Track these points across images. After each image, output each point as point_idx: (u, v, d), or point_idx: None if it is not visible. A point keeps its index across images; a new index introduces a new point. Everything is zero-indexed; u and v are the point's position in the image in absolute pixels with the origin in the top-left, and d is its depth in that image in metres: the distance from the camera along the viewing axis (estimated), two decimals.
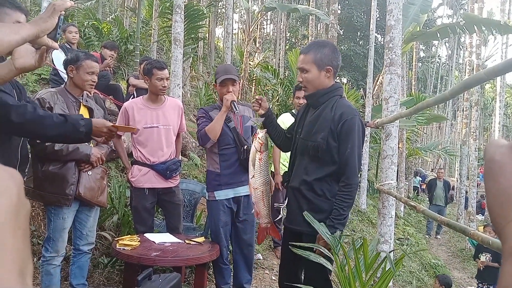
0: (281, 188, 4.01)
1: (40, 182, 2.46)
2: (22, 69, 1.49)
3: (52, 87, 4.41)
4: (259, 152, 2.27)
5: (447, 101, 27.97)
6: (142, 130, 2.98)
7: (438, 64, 31.90)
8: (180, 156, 3.34)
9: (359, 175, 2.09)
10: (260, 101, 2.38)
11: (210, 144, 2.82)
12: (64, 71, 4.60)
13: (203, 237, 3.00)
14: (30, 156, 2.25)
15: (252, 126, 2.97)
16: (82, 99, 2.67)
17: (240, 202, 2.94)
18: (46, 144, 2.40)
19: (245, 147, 2.81)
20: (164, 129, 3.02)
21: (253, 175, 2.29)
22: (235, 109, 2.76)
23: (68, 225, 2.57)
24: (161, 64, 3.03)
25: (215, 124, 2.77)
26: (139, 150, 3.03)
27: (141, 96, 3.20)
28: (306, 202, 2.13)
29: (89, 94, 3.85)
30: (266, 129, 2.31)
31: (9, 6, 1.74)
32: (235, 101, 2.76)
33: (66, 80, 4.56)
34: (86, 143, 2.60)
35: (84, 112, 2.67)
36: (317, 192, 2.10)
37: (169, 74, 3.43)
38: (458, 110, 28.51)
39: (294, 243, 1.90)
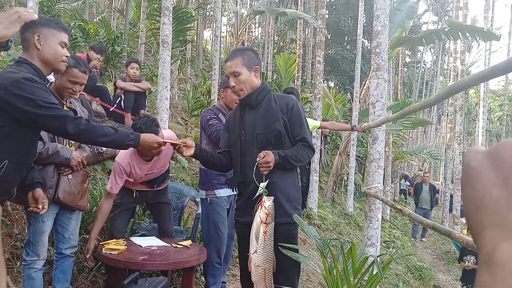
0: None
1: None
2: None
3: None
4: (265, 224, 2.00)
5: (432, 106, 28.40)
6: (139, 179, 2.95)
7: (423, 70, 32.37)
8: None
9: (314, 151, 2.32)
10: (183, 146, 2.24)
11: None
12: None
13: (190, 241, 2.98)
14: None
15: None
16: (66, 101, 2.62)
17: (232, 201, 3.00)
18: None
19: None
20: (160, 170, 3.04)
21: (255, 250, 2.03)
22: None
23: (47, 228, 2.52)
24: (155, 130, 2.66)
25: None
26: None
27: (131, 152, 2.84)
28: (281, 193, 2.20)
29: (75, 96, 3.80)
30: (273, 197, 2.05)
31: (55, 27, 2.01)
32: None
33: (51, 81, 4.50)
34: (67, 146, 2.57)
35: None
36: (288, 181, 2.24)
37: (157, 76, 3.38)
38: (442, 114, 28.96)
39: (283, 244, 1.90)
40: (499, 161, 0.27)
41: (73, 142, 2.65)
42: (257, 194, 2.12)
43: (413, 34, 14.18)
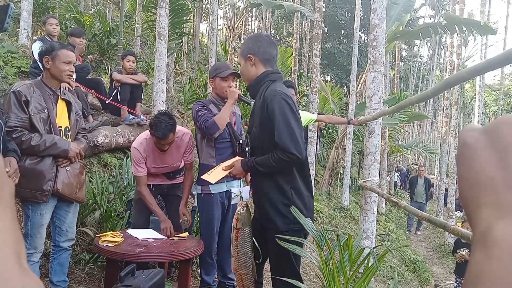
0: None
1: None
2: None
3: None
4: (236, 229, 2.05)
5: (428, 100, 28.46)
6: (152, 169, 3.04)
7: (419, 64, 32.37)
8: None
9: (298, 151, 1.96)
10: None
11: (218, 134, 2.88)
12: None
13: (187, 233, 2.99)
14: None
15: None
16: (60, 92, 2.60)
17: (230, 196, 3.00)
18: (23, 139, 2.34)
19: (240, 141, 2.87)
20: (172, 167, 3.11)
21: (232, 255, 2.11)
22: (248, 100, 2.89)
23: (46, 221, 2.52)
24: (165, 133, 2.80)
25: (223, 115, 2.87)
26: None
27: (148, 137, 3.01)
28: (264, 197, 2.09)
29: (70, 88, 3.77)
30: (245, 203, 2.09)
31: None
32: (240, 93, 2.90)
33: None
34: (64, 138, 2.56)
35: (62, 106, 2.61)
36: (271, 184, 2.07)
37: (154, 69, 3.38)
38: (438, 109, 29.04)
39: (279, 236, 1.90)
40: (496, 138, 0.26)
41: (69, 133, 2.64)
42: (233, 201, 2.18)
43: (409, 28, 14.18)
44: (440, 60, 32.73)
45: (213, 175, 2.26)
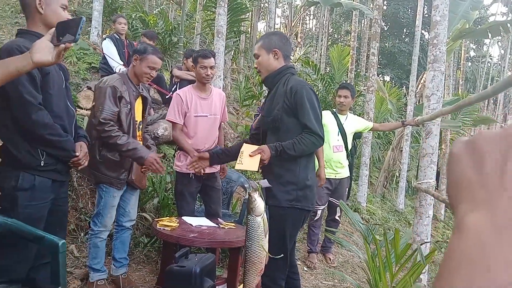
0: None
1: (96, 163, 2.64)
2: (38, 63, 1.51)
3: (101, 75, 4.66)
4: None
5: (498, 104, 26.54)
6: (192, 119, 3.11)
7: (489, 64, 30.33)
8: (222, 144, 3.46)
9: (323, 136, 2.25)
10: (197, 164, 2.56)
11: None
12: (113, 59, 4.85)
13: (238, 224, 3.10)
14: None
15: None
16: (140, 89, 2.84)
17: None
18: (112, 134, 2.55)
19: None
20: (212, 118, 3.18)
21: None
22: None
23: (116, 202, 2.79)
24: (207, 53, 3.10)
25: None
26: (186, 139, 3.16)
27: (190, 85, 3.30)
28: (274, 176, 2.25)
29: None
30: (249, 193, 2.05)
31: None
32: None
33: (115, 68, 4.80)
34: (137, 131, 2.82)
35: (139, 101, 2.86)
36: (285, 166, 2.25)
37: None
38: (509, 113, 27.06)
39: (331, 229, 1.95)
40: (474, 148, 0.33)
41: (141, 127, 2.89)
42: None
43: (478, 26, 13.36)
44: None
45: (249, 163, 2.24)
